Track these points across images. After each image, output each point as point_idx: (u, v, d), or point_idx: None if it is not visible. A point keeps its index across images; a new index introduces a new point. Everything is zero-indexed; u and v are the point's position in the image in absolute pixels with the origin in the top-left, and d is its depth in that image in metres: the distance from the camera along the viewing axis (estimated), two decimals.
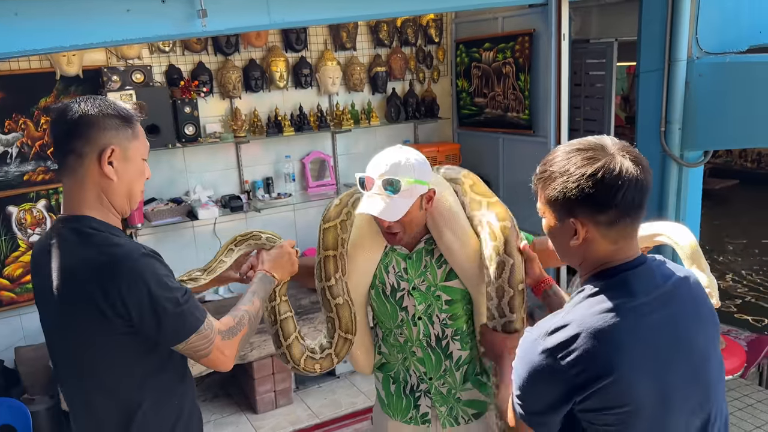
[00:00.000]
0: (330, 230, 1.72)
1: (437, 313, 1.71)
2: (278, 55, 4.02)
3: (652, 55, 4.27)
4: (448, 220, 1.66)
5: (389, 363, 1.84)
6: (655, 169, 4.27)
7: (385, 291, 1.74)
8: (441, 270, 1.69)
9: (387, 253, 1.74)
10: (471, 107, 4.55)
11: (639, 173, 1.17)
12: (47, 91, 3.49)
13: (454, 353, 1.75)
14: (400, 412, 1.83)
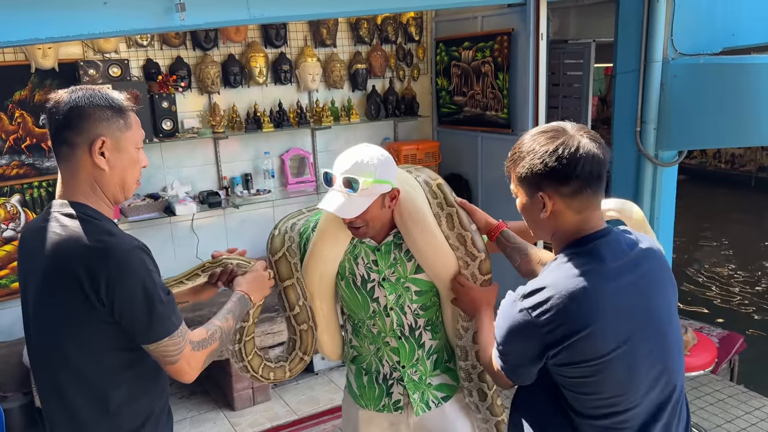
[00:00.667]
0: (281, 261, 1.77)
1: (408, 303, 1.76)
2: (258, 50, 4.00)
3: (628, 57, 4.33)
4: (416, 220, 1.70)
5: (361, 355, 1.87)
6: (631, 169, 4.37)
7: (356, 282, 1.77)
8: (411, 263, 1.74)
9: (356, 245, 1.76)
10: (450, 105, 4.58)
11: (596, 148, 1.32)
12: (22, 85, 3.44)
13: (426, 343, 1.81)
14: (372, 401, 1.87)
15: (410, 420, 1.85)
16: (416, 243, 1.70)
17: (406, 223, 1.70)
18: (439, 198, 1.75)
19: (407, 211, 1.70)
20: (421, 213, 1.70)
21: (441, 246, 1.71)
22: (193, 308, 3.78)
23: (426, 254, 1.71)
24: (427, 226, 1.70)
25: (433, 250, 1.70)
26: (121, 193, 1.50)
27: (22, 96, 3.45)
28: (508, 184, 1.49)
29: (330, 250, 1.76)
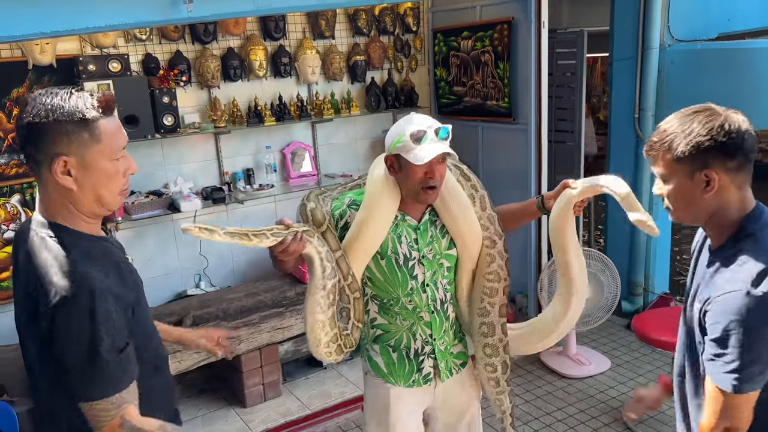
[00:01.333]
0: (327, 232, 1.78)
1: (440, 279, 1.91)
2: (257, 43, 3.96)
3: (624, 44, 4.37)
4: (454, 194, 1.87)
5: (388, 332, 1.94)
6: (630, 155, 4.41)
7: (398, 260, 1.86)
8: (444, 240, 1.90)
9: (398, 224, 1.87)
10: (450, 96, 4.58)
11: (750, 126, 1.37)
12: (19, 82, 3.36)
13: (450, 315, 1.96)
14: (403, 378, 1.95)
15: (436, 390, 1.98)
16: (453, 214, 1.87)
17: (444, 197, 1.85)
18: (472, 181, 1.93)
19: (445, 186, 1.84)
20: (458, 187, 1.88)
21: (474, 218, 1.89)
22: (200, 305, 3.74)
23: (460, 225, 1.87)
24: (464, 199, 1.88)
25: (466, 221, 1.88)
26: (99, 208, 1.36)
27: (19, 93, 3.36)
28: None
29: (380, 225, 1.82)
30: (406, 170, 1.76)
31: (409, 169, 1.75)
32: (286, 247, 1.60)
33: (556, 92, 5.53)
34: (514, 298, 4.41)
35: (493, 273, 1.91)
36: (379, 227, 1.82)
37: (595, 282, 3.77)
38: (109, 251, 1.43)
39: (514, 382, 3.81)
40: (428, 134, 1.71)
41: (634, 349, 4.11)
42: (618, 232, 4.64)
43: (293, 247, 1.61)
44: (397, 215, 1.86)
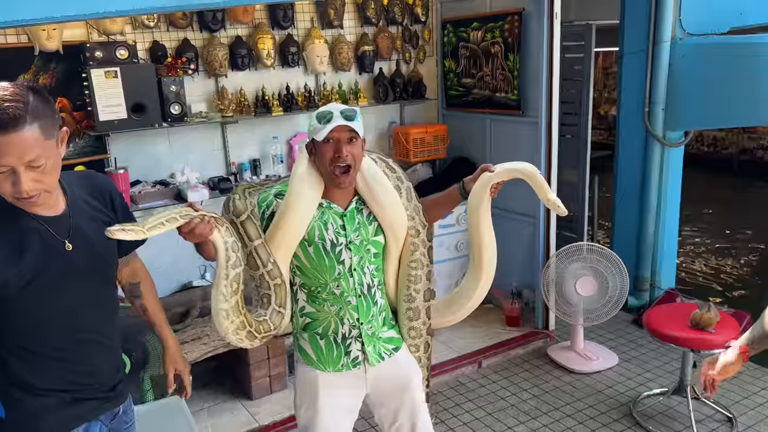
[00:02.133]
0: (247, 222, 1.85)
1: (368, 264, 1.98)
2: (265, 32, 3.91)
3: (635, 37, 4.34)
4: (379, 182, 1.97)
5: (316, 320, 1.99)
6: (638, 149, 4.38)
7: (326, 246, 1.92)
8: (371, 227, 1.99)
9: (324, 212, 1.93)
10: (458, 88, 4.53)
11: None
12: (25, 68, 3.30)
13: (378, 301, 2.03)
14: (332, 363, 1.99)
15: (367, 374, 2.03)
16: (379, 200, 1.97)
17: (370, 185, 1.96)
18: (397, 173, 2.06)
19: (370, 175, 1.97)
20: (381, 175, 1.99)
21: (400, 205, 2.00)
22: (206, 296, 3.70)
23: (387, 210, 1.98)
24: (388, 185, 1.99)
25: (393, 207, 1.98)
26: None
27: (25, 80, 3.30)
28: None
29: (303, 212, 1.87)
30: (319, 153, 1.85)
31: (320, 150, 1.84)
32: (192, 228, 1.63)
33: (564, 85, 5.50)
34: (521, 293, 4.39)
35: (417, 261, 2.04)
36: (301, 213, 1.87)
37: (598, 278, 3.75)
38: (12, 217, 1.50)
39: (522, 376, 3.82)
40: (334, 114, 1.81)
41: (642, 345, 4.10)
42: (625, 227, 4.62)
43: (200, 228, 1.64)
44: (322, 203, 1.93)
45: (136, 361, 2.92)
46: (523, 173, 2.01)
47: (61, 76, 3.39)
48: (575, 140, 5.41)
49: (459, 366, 3.91)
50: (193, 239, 1.66)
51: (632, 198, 4.53)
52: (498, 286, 4.54)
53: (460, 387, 3.75)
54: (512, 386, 3.73)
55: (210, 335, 3.38)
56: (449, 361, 3.93)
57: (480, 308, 4.49)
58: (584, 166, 5.37)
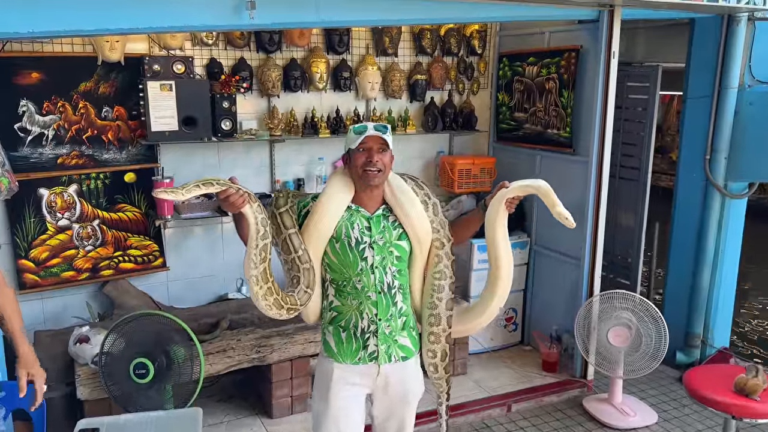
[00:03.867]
0: (285, 214, 2.11)
1: (390, 265, 2.15)
2: (320, 56, 3.97)
3: (701, 81, 4.16)
4: (405, 193, 2.17)
5: (340, 314, 2.17)
6: (697, 198, 4.17)
7: (350, 243, 2.12)
8: (395, 231, 2.17)
9: (352, 214, 2.14)
10: (510, 122, 4.46)
11: None
12: (88, 76, 3.47)
13: (398, 303, 2.18)
14: (350, 355, 2.16)
15: (379, 373, 2.18)
16: (405, 210, 2.15)
17: (397, 196, 2.15)
18: (425, 190, 2.24)
19: (398, 187, 2.17)
20: (407, 188, 2.19)
21: (424, 215, 2.18)
22: (238, 310, 3.75)
23: (412, 219, 2.15)
24: (414, 198, 2.17)
25: (417, 217, 2.16)
26: None
27: (87, 87, 3.48)
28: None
29: (333, 212, 2.10)
30: (353, 160, 2.08)
31: (354, 157, 2.07)
32: (228, 196, 1.88)
33: (625, 127, 5.34)
34: (561, 337, 4.22)
35: (441, 272, 2.21)
36: (331, 212, 2.10)
37: (632, 329, 3.56)
38: None
39: (552, 425, 3.65)
40: (368, 127, 2.06)
41: (686, 405, 3.85)
42: (679, 278, 4.38)
43: (234, 197, 1.89)
44: (351, 206, 2.14)
45: (159, 368, 2.97)
46: (536, 189, 2.14)
47: (120, 86, 3.55)
48: (635, 184, 5.23)
49: (487, 408, 3.78)
50: (228, 207, 1.92)
51: (688, 248, 4.30)
52: (537, 327, 4.44)
53: (485, 430, 3.62)
54: None
55: (235, 348, 3.40)
56: (477, 401, 3.81)
57: (517, 349, 4.46)
58: (642, 211, 5.17)
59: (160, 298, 3.87)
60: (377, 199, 2.17)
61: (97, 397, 3.11)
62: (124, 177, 3.66)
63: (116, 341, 2.98)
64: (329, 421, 2.18)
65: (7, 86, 3.29)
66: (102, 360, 2.98)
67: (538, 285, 4.45)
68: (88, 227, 3.61)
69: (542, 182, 2.15)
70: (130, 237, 3.73)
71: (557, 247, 4.21)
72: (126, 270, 3.75)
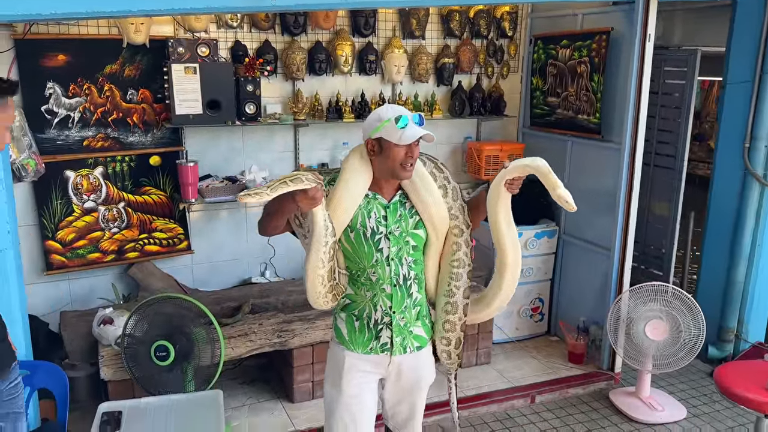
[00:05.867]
0: None
1: (406, 256, 2.08)
2: (345, 39, 3.92)
3: (741, 66, 3.99)
4: (424, 180, 2.07)
5: (354, 302, 2.12)
6: (734, 188, 4.02)
7: (366, 233, 2.05)
8: (412, 220, 2.09)
9: (369, 201, 2.06)
10: (543, 107, 4.35)
11: None
12: (113, 59, 3.48)
13: (414, 294, 2.12)
14: (361, 345, 2.11)
15: (391, 362, 2.14)
16: (422, 197, 2.06)
17: (415, 183, 2.06)
18: (445, 173, 2.14)
19: (415, 173, 2.05)
20: (425, 173, 2.09)
21: (441, 201, 2.09)
22: (261, 294, 3.75)
23: (429, 207, 2.07)
24: (432, 185, 2.08)
25: (435, 204, 2.07)
26: None
27: (112, 70, 3.49)
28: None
29: (350, 199, 2.01)
30: (387, 151, 1.96)
31: (391, 150, 1.95)
32: (314, 195, 1.80)
33: (661, 113, 5.17)
34: (588, 329, 4.13)
35: (459, 260, 2.12)
36: (348, 200, 2.00)
37: (671, 322, 3.46)
38: None
39: (576, 418, 3.58)
40: (410, 121, 1.94)
41: (716, 401, 3.73)
42: (713, 270, 4.23)
43: (319, 195, 1.82)
44: (368, 194, 2.05)
45: (180, 350, 2.98)
46: (535, 169, 1.98)
47: (145, 69, 3.55)
48: (670, 172, 5.07)
49: (511, 398, 3.71)
50: (307, 205, 1.83)
51: (724, 240, 4.15)
52: (565, 318, 4.35)
53: (508, 420, 3.56)
54: (564, 427, 3.50)
55: (257, 333, 3.40)
56: (500, 391, 3.75)
57: (543, 340, 4.38)
58: (677, 200, 5.01)
59: (185, 280, 3.90)
60: (394, 184, 2.09)
61: (120, 378, 3.14)
62: (149, 160, 3.67)
63: (138, 323, 3.00)
64: (342, 408, 2.15)
65: (34, 68, 3.31)
66: (124, 342, 3.00)
67: (566, 275, 4.35)
68: (113, 209, 3.65)
69: (541, 161, 1.99)
70: (155, 220, 3.76)
71: (587, 236, 4.10)
72: (151, 252, 3.77)
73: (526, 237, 4.17)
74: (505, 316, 4.30)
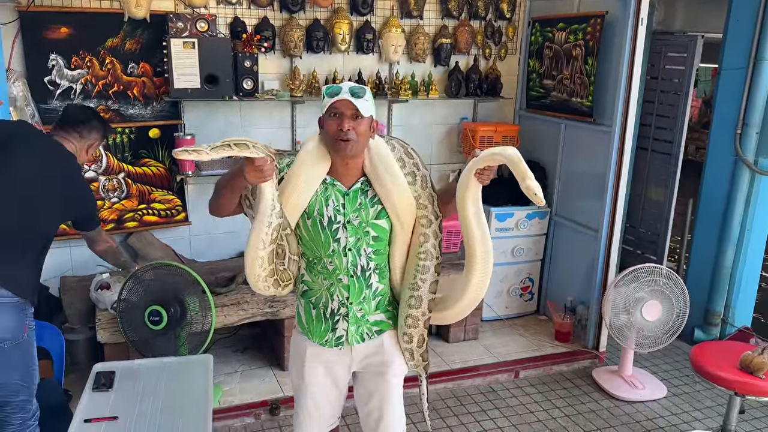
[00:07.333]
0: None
1: (365, 246, 1.97)
2: (343, 17, 3.97)
3: (736, 53, 4.02)
4: (388, 166, 1.95)
5: (311, 290, 2.03)
6: (725, 174, 4.07)
7: (323, 222, 1.95)
8: (373, 209, 1.97)
9: (327, 187, 1.95)
10: (539, 89, 4.39)
11: None
12: (114, 32, 3.56)
13: (373, 284, 2.02)
14: (318, 335, 2.04)
15: (353, 353, 2.06)
16: (385, 184, 1.94)
17: (377, 168, 1.94)
18: (414, 159, 2.02)
19: (379, 158, 1.95)
20: (392, 160, 1.97)
21: (406, 191, 1.97)
22: None
23: (392, 196, 1.94)
24: (396, 171, 1.96)
25: (399, 193, 1.95)
26: None
27: (113, 43, 3.57)
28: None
29: (305, 184, 1.91)
30: (326, 126, 1.87)
31: (326, 123, 1.86)
32: (262, 165, 1.69)
33: (660, 98, 5.19)
34: (575, 309, 4.21)
35: (426, 252, 2.00)
36: (303, 185, 1.90)
37: (665, 303, 3.53)
38: None
39: (558, 393, 3.67)
40: (342, 89, 1.82)
41: (697, 381, 3.81)
42: (702, 254, 4.29)
43: (268, 168, 1.71)
44: (326, 179, 1.95)
45: (173, 316, 3.09)
46: (506, 158, 1.84)
47: (146, 43, 3.63)
48: (667, 157, 5.10)
49: (495, 372, 3.82)
50: (253, 176, 1.72)
51: (714, 225, 4.20)
52: (553, 297, 4.43)
53: (491, 393, 3.67)
54: (545, 402, 3.60)
55: (249, 302, 3.51)
56: (485, 365, 3.86)
57: (532, 318, 4.48)
58: (673, 186, 5.05)
59: (183, 251, 4.01)
60: (355, 170, 1.96)
61: (115, 341, 3.26)
62: (149, 133, 3.77)
63: (133, 289, 3.12)
64: (307, 399, 2.10)
65: (37, 40, 3.40)
66: (120, 306, 3.12)
67: (556, 255, 4.43)
68: (113, 180, 3.75)
69: (512, 150, 1.85)
70: (154, 191, 3.86)
71: (577, 218, 4.17)
72: (150, 223, 3.89)
73: (518, 218, 4.25)
74: (495, 295, 4.39)
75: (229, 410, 3.31)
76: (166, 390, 2.46)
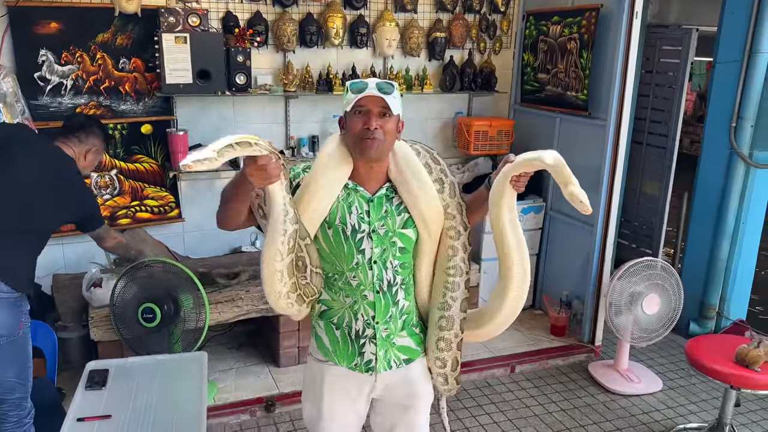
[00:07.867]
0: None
1: (391, 258, 1.80)
2: (336, 11, 3.94)
3: (731, 46, 4.01)
4: (415, 171, 1.80)
5: (331, 309, 1.84)
6: (720, 167, 4.06)
7: (345, 231, 1.78)
8: (399, 217, 1.81)
9: (349, 194, 1.79)
10: (533, 83, 4.37)
11: None
12: (105, 27, 3.52)
13: (400, 301, 1.85)
14: (346, 359, 1.85)
15: (377, 380, 1.87)
16: (413, 191, 1.79)
17: (404, 173, 1.79)
18: (441, 166, 1.87)
19: (405, 162, 1.80)
20: (419, 165, 1.82)
21: (435, 198, 1.81)
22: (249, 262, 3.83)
23: (420, 203, 1.79)
24: (424, 177, 1.81)
25: (427, 200, 1.79)
26: None
27: (104, 38, 3.53)
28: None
29: (326, 189, 1.75)
30: (349, 125, 1.72)
31: (351, 122, 1.71)
32: (265, 165, 1.49)
33: (655, 91, 5.19)
34: (571, 303, 4.20)
35: (456, 267, 1.84)
36: (324, 189, 1.74)
37: (663, 297, 3.53)
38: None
39: (554, 388, 3.67)
40: (369, 85, 1.68)
41: (693, 374, 3.82)
42: (697, 248, 4.30)
43: (273, 167, 1.51)
44: (348, 184, 1.78)
45: (166, 313, 3.07)
46: (545, 164, 1.67)
47: (137, 38, 3.59)
48: (662, 151, 5.10)
49: (491, 367, 3.82)
50: (258, 177, 1.52)
51: (709, 218, 4.20)
52: (549, 292, 4.42)
53: (487, 388, 3.66)
54: (541, 396, 3.60)
55: (244, 299, 3.49)
56: (481, 360, 3.85)
57: (528, 313, 4.46)
58: (668, 180, 5.05)
59: (176, 248, 3.98)
60: (380, 175, 1.80)
61: (109, 339, 3.24)
62: (141, 128, 3.73)
63: (126, 286, 3.09)
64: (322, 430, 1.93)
65: (27, 35, 3.36)
66: (113, 303, 3.09)
67: (552, 250, 4.42)
68: (106, 176, 3.72)
69: (553, 155, 1.68)
70: (146, 187, 3.83)
71: (572, 212, 4.16)
72: (143, 219, 3.86)
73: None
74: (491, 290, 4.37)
75: (224, 407, 3.30)
76: (160, 388, 2.44)
